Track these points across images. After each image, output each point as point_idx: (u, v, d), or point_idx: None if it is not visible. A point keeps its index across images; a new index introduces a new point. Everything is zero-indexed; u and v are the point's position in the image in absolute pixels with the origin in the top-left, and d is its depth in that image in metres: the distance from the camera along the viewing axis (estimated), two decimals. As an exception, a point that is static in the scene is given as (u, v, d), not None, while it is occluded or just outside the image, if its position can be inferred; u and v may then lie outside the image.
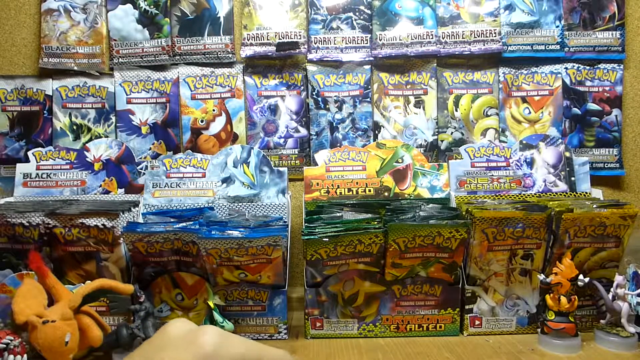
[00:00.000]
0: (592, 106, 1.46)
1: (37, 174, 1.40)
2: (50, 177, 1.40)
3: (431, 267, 1.16)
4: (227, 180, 1.36)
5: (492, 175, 1.38)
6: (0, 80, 1.48)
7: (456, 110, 1.47)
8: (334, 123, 1.47)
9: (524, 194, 1.35)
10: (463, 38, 1.44)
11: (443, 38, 1.45)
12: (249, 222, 1.19)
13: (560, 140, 1.40)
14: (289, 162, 1.48)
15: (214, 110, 1.48)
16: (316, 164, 1.40)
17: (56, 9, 1.46)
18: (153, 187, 1.36)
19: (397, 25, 1.45)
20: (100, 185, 1.40)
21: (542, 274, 1.13)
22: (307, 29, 1.46)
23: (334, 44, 1.45)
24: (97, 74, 1.49)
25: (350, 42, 1.45)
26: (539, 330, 1.13)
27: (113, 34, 1.47)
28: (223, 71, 1.48)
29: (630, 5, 1.47)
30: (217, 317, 1.08)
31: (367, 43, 1.46)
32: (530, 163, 1.38)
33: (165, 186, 1.36)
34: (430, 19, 1.44)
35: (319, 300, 1.18)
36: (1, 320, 1.03)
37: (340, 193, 1.36)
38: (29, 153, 1.41)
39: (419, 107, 1.47)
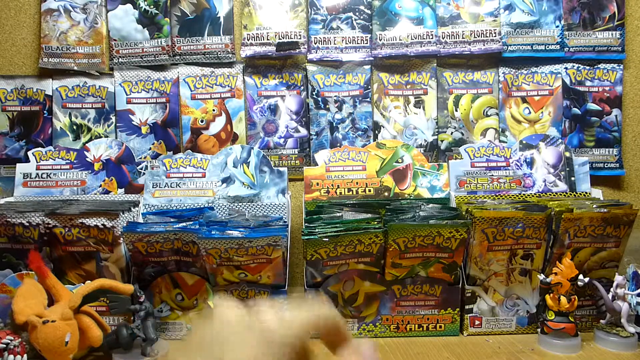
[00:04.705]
0: (592, 106, 1.46)
1: (37, 174, 1.40)
2: (50, 177, 1.40)
3: (431, 267, 1.16)
4: (227, 180, 1.36)
5: (492, 175, 1.38)
6: (0, 80, 1.48)
7: (456, 110, 1.47)
8: (334, 123, 1.47)
9: (524, 194, 1.35)
10: (463, 38, 1.44)
11: (443, 38, 1.45)
12: (249, 222, 1.19)
13: (560, 140, 1.40)
14: (289, 162, 1.48)
15: (214, 110, 1.48)
16: (316, 164, 1.40)
17: (56, 9, 1.46)
18: (153, 187, 1.36)
19: (397, 25, 1.45)
20: (100, 185, 1.40)
21: (542, 274, 1.13)
22: (307, 29, 1.46)
23: (334, 44, 1.45)
24: (97, 74, 1.49)
25: (350, 42, 1.45)
26: (539, 330, 1.14)
27: (113, 34, 1.47)
28: (223, 71, 1.48)
29: (630, 5, 1.47)
30: (217, 317, 1.08)
31: (367, 43, 1.46)
32: (530, 163, 1.38)
33: (165, 186, 1.36)
34: (430, 19, 1.44)
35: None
36: (1, 320, 1.03)
37: (340, 193, 1.36)
38: (29, 153, 1.41)
39: (419, 107, 1.47)
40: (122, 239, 1.15)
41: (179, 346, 0.46)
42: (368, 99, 1.47)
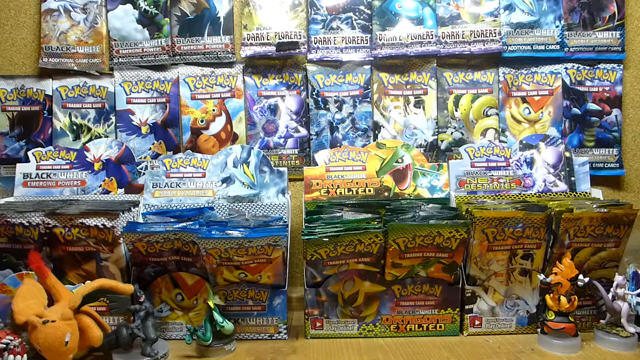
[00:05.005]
0: (592, 106, 1.46)
1: (37, 174, 1.40)
2: (50, 177, 1.40)
3: (431, 267, 1.16)
4: (227, 180, 1.36)
5: (492, 175, 1.37)
6: (0, 80, 1.48)
7: (456, 110, 1.47)
8: (334, 123, 1.47)
9: (524, 194, 1.35)
10: (463, 38, 1.44)
11: (443, 38, 1.44)
12: (249, 222, 1.19)
13: (560, 140, 1.40)
14: (289, 162, 1.48)
15: (214, 110, 1.48)
16: (316, 164, 1.40)
17: (56, 9, 1.46)
18: (153, 187, 1.35)
19: (397, 25, 1.45)
20: (100, 185, 1.40)
21: (542, 274, 1.13)
22: (307, 29, 1.46)
23: (334, 44, 1.45)
24: (97, 74, 1.49)
25: (350, 42, 1.45)
26: (539, 330, 1.13)
27: (113, 34, 1.47)
28: (223, 71, 1.48)
29: (630, 5, 1.47)
30: (217, 317, 1.08)
31: (367, 43, 1.46)
32: (530, 163, 1.38)
33: (165, 186, 1.36)
34: (430, 19, 1.44)
35: (319, 300, 1.18)
36: (1, 320, 1.03)
37: (340, 193, 1.36)
38: (29, 153, 1.41)
39: (419, 107, 1.47)
40: (122, 239, 1.15)
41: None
42: (368, 99, 1.47)
